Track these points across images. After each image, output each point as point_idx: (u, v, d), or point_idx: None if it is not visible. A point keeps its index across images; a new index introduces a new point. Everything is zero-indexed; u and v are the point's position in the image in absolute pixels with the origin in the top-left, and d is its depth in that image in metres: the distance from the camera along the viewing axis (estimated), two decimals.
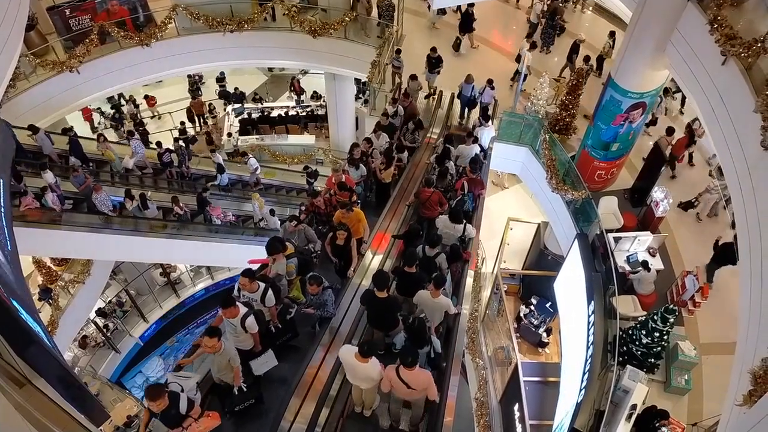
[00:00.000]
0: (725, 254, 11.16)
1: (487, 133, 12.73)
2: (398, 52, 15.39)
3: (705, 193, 12.87)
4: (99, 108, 22.75)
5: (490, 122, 13.04)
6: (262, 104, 23.23)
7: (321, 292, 7.08)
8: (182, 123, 22.30)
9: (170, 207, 15.31)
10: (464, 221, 8.63)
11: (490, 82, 14.64)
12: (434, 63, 15.53)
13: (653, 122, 14.72)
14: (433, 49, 15.46)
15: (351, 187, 10.02)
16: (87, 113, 22.01)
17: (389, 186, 11.23)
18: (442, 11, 18.87)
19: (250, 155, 18.00)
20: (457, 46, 17.79)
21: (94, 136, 18.99)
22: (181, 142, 18.01)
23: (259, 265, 8.10)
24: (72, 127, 14.30)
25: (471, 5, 16.92)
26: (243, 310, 6.45)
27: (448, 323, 8.05)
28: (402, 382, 5.78)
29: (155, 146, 16.99)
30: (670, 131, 13.01)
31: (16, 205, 12.77)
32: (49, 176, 13.47)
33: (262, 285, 6.79)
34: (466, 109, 15.05)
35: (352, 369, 6.10)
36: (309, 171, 18.83)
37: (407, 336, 6.69)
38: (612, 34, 16.47)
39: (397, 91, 14.80)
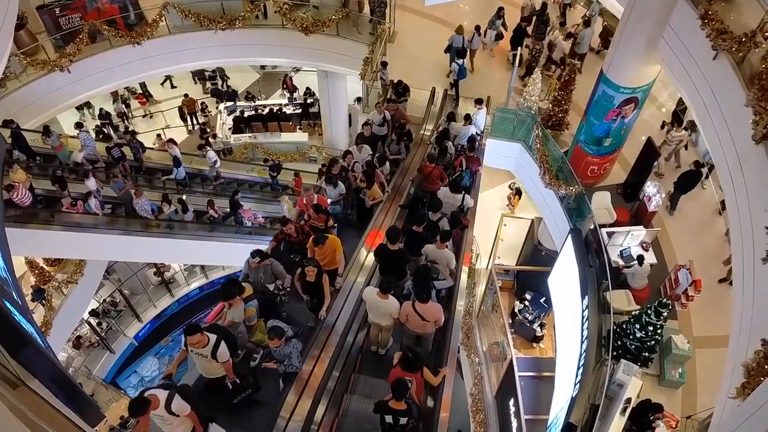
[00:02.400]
0: (687, 181, 12.34)
1: (481, 115, 13.12)
2: (384, 65, 14.93)
3: (663, 144, 13.49)
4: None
5: (483, 105, 13.22)
6: (254, 102, 23.16)
7: (284, 344, 6.47)
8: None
9: (205, 210, 15.70)
10: (463, 192, 9.51)
11: (477, 28, 15.11)
12: (400, 92, 14.00)
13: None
14: (399, 82, 14.27)
15: (326, 208, 9.29)
16: None
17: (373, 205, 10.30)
18: None
19: (209, 148, 17.57)
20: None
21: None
22: (129, 136, 17.11)
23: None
24: (12, 119, 13.91)
25: (525, 20, 16.20)
26: (212, 338, 5.98)
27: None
28: (417, 314, 6.74)
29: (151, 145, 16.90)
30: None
31: (59, 210, 13.61)
32: (91, 183, 14.04)
33: (213, 337, 6.04)
34: (455, 64, 14.79)
35: (374, 306, 7.06)
36: (271, 164, 18.49)
37: (414, 280, 7.42)
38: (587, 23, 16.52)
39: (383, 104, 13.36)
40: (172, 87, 24.59)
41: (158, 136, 21.85)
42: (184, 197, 15.85)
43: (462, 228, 9.31)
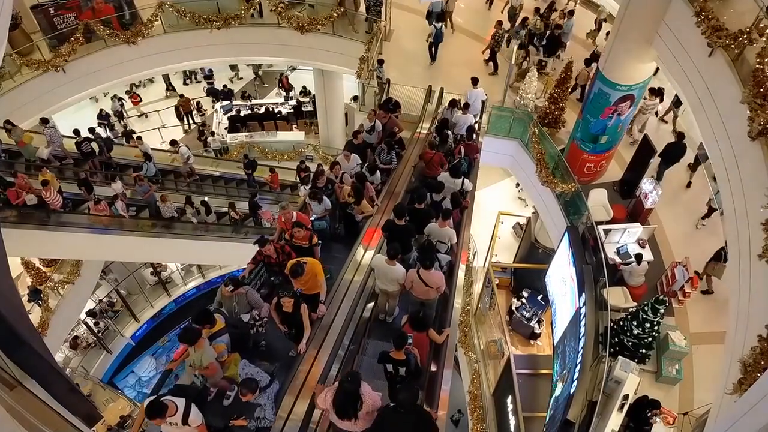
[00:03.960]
0: (672, 152, 12.58)
1: (476, 95, 13.37)
2: (380, 62, 14.86)
3: (638, 114, 13.88)
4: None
5: (477, 85, 13.43)
6: (250, 101, 23.13)
7: (258, 394, 5.94)
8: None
9: (226, 212, 15.94)
10: (462, 177, 9.90)
11: None
12: (390, 108, 12.39)
13: None
14: (389, 99, 13.18)
15: (308, 226, 8.61)
16: None
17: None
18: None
19: (182, 144, 17.44)
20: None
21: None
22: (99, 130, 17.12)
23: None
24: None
25: (558, 27, 16.09)
26: (180, 405, 5.42)
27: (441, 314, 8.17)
28: (421, 281, 7.20)
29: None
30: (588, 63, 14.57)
31: (86, 212, 13.84)
32: (117, 186, 14.43)
33: (181, 403, 5.45)
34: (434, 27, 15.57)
35: (383, 272, 7.47)
36: (246, 161, 18.31)
37: (419, 251, 7.97)
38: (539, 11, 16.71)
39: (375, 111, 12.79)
40: (172, 89, 24.66)
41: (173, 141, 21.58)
42: (206, 199, 16.22)
43: (462, 210, 9.75)
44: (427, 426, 5.35)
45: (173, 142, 17.22)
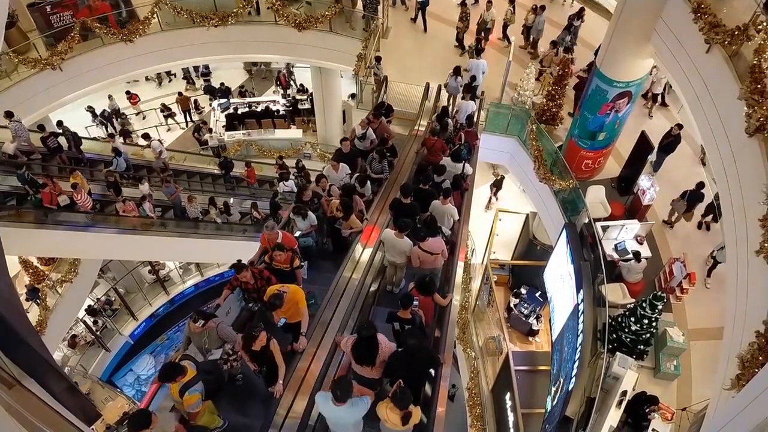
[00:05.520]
0: (668, 145, 13.12)
1: (477, 65, 14.09)
2: (378, 59, 14.83)
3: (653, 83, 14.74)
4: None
5: (481, 56, 14.32)
6: (247, 98, 23.08)
7: None
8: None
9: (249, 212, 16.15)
10: (463, 161, 10.42)
11: None
12: (383, 113, 12.19)
13: None
14: (381, 104, 13.19)
15: (293, 248, 7.98)
16: None
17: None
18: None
19: (153, 138, 17.30)
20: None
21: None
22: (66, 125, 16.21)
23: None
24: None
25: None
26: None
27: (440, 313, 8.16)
28: (425, 252, 7.75)
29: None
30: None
31: (114, 213, 14.22)
32: (144, 187, 14.74)
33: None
34: None
35: (392, 245, 8.05)
36: (221, 161, 18.10)
37: (423, 224, 8.38)
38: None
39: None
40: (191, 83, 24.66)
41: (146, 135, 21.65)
42: (231, 201, 16.54)
43: (462, 192, 10.21)
44: (434, 362, 6.21)
45: (146, 136, 17.17)
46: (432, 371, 6.37)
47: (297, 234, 9.02)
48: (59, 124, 15.62)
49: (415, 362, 5.84)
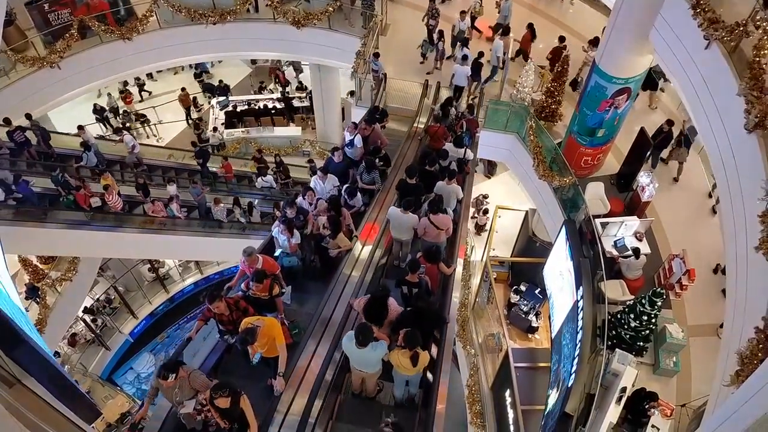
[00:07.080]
0: (662, 140, 13.07)
1: (463, 71, 14.16)
2: (376, 56, 14.66)
3: (584, 65, 14.83)
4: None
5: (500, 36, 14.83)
6: (245, 96, 23.07)
7: None
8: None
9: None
10: (465, 147, 11.00)
11: None
12: (377, 118, 11.76)
13: None
14: (376, 108, 13.18)
15: (274, 273, 7.42)
16: None
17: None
18: None
19: (126, 132, 17.25)
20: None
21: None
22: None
23: None
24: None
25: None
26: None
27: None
28: (432, 224, 8.39)
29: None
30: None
31: (142, 214, 14.79)
32: (172, 189, 15.20)
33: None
34: None
35: (398, 222, 8.64)
36: (197, 150, 17.96)
37: (429, 203, 9.06)
38: None
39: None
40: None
41: (118, 129, 21.50)
42: (256, 202, 16.74)
43: (464, 175, 10.83)
44: (440, 322, 7.04)
45: (117, 131, 17.13)
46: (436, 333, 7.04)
47: (278, 252, 8.51)
48: (28, 117, 14.97)
49: (422, 320, 6.41)
